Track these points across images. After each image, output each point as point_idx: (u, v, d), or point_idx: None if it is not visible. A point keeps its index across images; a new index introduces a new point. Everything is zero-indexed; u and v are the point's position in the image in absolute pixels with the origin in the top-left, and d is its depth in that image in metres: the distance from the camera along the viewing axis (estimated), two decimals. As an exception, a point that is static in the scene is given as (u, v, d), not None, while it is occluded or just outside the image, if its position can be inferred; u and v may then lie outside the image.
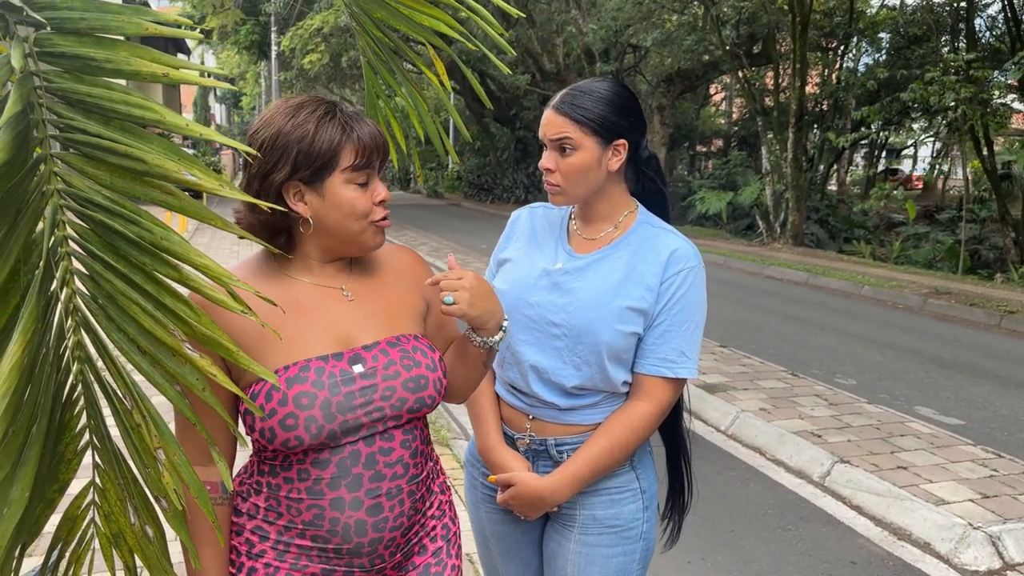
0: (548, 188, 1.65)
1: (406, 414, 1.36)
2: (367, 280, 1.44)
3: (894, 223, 19.64)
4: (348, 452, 1.31)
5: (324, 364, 1.31)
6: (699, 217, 20.14)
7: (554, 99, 1.65)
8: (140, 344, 1.10)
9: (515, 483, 1.67)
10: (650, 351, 1.63)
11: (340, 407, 1.29)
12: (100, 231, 1.10)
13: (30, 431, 1.03)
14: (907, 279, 11.73)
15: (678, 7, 17.84)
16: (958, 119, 13.01)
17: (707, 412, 5.34)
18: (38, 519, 1.21)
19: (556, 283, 1.67)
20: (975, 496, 3.95)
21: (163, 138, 1.11)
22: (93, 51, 1.07)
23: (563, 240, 1.74)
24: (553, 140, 1.62)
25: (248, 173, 1.35)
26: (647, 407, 1.63)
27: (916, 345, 7.71)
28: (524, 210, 1.85)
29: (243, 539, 1.38)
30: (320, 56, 18.71)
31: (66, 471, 1.25)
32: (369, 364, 1.34)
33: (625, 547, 1.69)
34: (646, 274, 1.63)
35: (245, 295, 1.19)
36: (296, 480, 1.32)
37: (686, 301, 1.63)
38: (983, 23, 16.10)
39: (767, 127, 17.22)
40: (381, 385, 1.33)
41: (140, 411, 1.12)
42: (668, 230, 1.70)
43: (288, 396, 1.27)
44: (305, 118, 1.30)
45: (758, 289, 11.11)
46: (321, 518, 1.32)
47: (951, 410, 5.57)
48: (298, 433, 1.26)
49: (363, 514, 1.33)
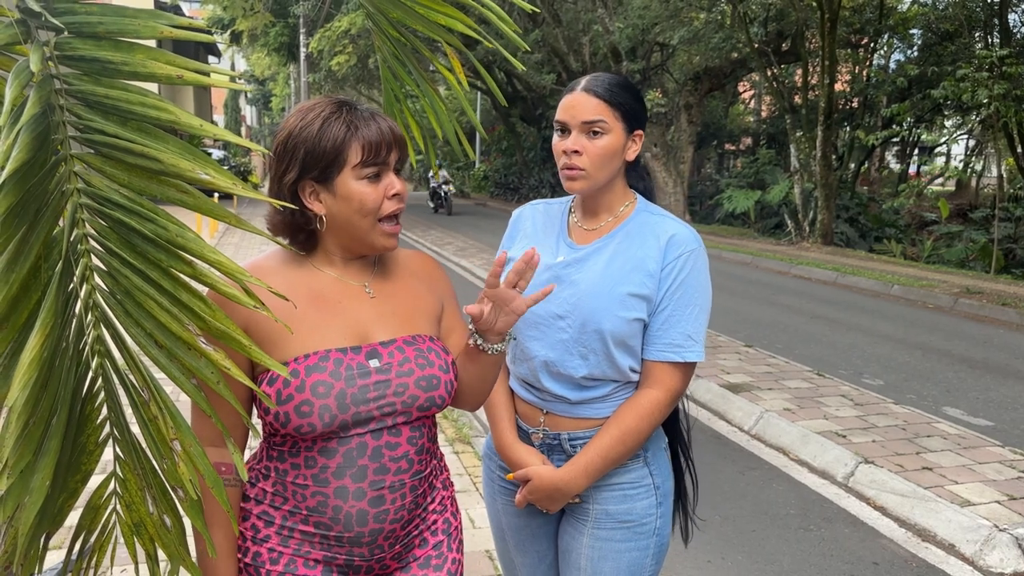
0: (569, 172, 1.63)
1: (416, 411, 1.39)
2: (389, 280, 1.49)
3: (926, 222, 19.34)
4: (355, 443, 1.35)
5: (343, 356, 1.35)
6: (727, 216, 20.00)
7: (580, 83, 1.66)
8: (157, 338, 1.14)
9: (531, 477, 1.70)
10: (656, 337, 1.64)
11: (354, 399, 1.33)
12: (118, 229, 1.13)
13: (50, 422, 1.06)
14: (938, 278, 11.56)
15: (705, 4, 17.74)
16: (991, 116, 12.80)
17: (731, 412, 5.31)
18: (61, 508, 1.25)
19: (558, 276, 1.68)
20: (1002, 498, 3.90)
21: (178, 139, 1.14)
22: (111, 54, 1.11)
23: (564, 233, 1.75)
24: (586, 122, 1.61)
25: (270, 175, 1.42)
26: (656, 394, 1.64)
27: (945, 345, 7.60)
28: (525, 208, 1.87)
29: (249, 524, 1.41)
30: (348, 58, 18.85)
31: (88, 461, 1.29)
32: (385, 360, 1.38)
33: (638, 542, 1.70)
34: (646, 260, 1.63)
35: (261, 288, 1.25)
36: (303, 467, 1.36)
37: (688, 285, 1.63)
38: (1017, 18, 15.83)
39: (796, 125, 17.06)
40: (395, 381, 1.37)
41: (157, 403, 1.15)
42: (666, 216, 1.70)
43: (306, 383, 1.30)
44: (312, 119, 1.35)
45: (786, 288, 11.02)
46: (324, 505, 1.36)
47: (979, 411, 5.49)
48: (311, 420, 1.30)
49: (365, 504, 1.36)
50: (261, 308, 1.12)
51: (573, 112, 1.62)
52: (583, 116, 1.60)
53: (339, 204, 1.36)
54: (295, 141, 1.35)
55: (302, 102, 1.44)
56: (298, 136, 1.35)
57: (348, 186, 1.35)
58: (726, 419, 5.26)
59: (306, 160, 1.34)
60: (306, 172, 1.35)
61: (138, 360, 1.16)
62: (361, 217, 1.37)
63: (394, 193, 1.38)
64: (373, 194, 1.36)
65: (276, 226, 1.42)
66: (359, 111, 1.38)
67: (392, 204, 1.39)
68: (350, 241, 1.41)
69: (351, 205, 1.36)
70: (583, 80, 1.67)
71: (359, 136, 1.34)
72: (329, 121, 1.34)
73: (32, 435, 1.02)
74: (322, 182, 1.36)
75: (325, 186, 1.36)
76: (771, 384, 5.84)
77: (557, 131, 1.67)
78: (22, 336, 1.04)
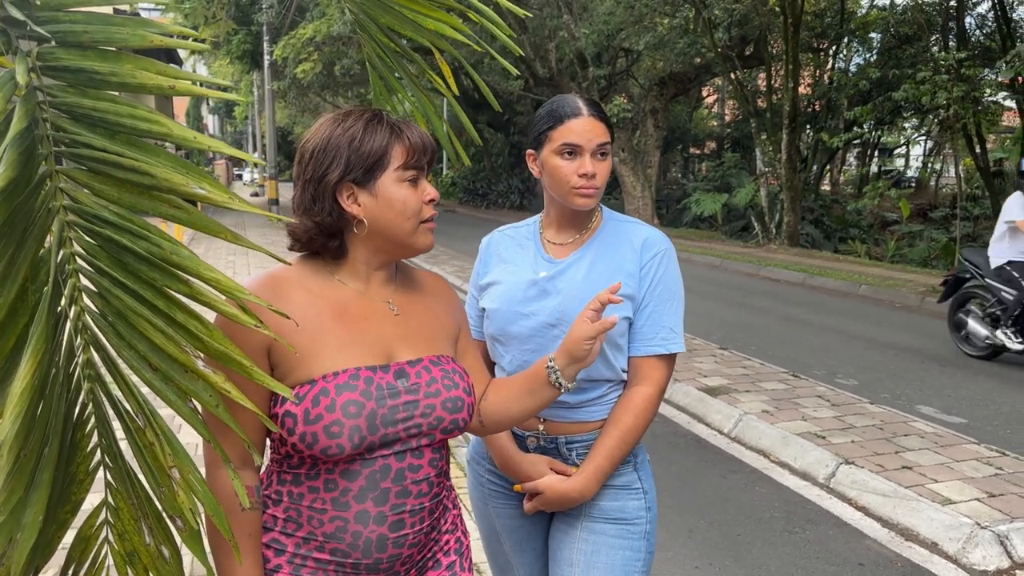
0: (588, 192, 1.69)
1: (439, 433, 1.37)
2: (410, 297, 1.46)
3: (888, 222, 19.69)
4: (379, 466, 1.31)
5: (372, 375, 1.31)
6: (695, 219, 20.17)
7: (581, 107, 1.69)
8: (151, 361, 1.09)
9: (542, 490, 1.72)
10: (643, 332, 1.72)
11: (384, 420, 1.29)
12: (108, 247, 1.08)
13: (42, 453, 1.01)
14: (904, 278, 11.74)
15: (669, 10, 17.88)
16: (950, 117, 13.05)
17: (710, 415, 5.32)
18: (51, 540, 1.19)
19: (544, 289, 1.74)
20: (981, 495, 3.93)
21: (170, 152, 1.09)
22: (97, 64, 1.06)
23: (540, 251, 1.81)
24: (600, 144, 1.69)
25: (302, 180, 1.37)
26: (647, 390, 1.70)
27: (916, 344, 7.71)
28: (494, 235, 1.93)
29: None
30: (313, 65, 18.67)
31: (78, 491, 1.23)
32: (412, 380, 1.34)
33: (632, 542, 1.73)
34: (625, 262, 1.72)
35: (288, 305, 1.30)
36: (322, 490, 1.31)
37: (666, 281, 1.73)
38: (973, 21, 16.16)
39: (760, 128, 17.26)
40: (423, 402, 1.34)
41: (153, 429, 1.10)
42: (634, 222, 1.82)
43: (336, 403, 1.26)
44: (353, 122, 1.35)
45: (756, 290, 11.11)
46: (344, 531, 1.30)
47: (953, 408, 5.57)
48: (340, 441, 1.25)
49: (385, 529, 1.32)
50: (262, 327, 1.07)
51: (590, 136, 1.68)
52: (599, 139, 1.68)
53: (380, 206, 1.34)
54: (337, 142, 1.33)
55: (329, 114, 1.43)
56: (340, 137, 1.33)
57: (389, 189, 1.34)
58: (705, 422, 5.27)
59: (350, 159, 1.32)
60: (348, 172, 1.32)
61: (132, 384, 1.11)
62: (404, 219, 1.35)
63: (430, 199, 1.38)
64: (414, 197, 1.35)
65: (308, 231, 1.36)
66: (395, 118, 1.39)
67: (429, 209, 1.38)
68: (389, 244, 1.37)
69: (393, 207, 1.34)
70: (582, 104, 1.71)
71: (403, 139, 1.35)
72: (372, 124, 1.34)
73: (24, 468, 0.96)
74: (363, 184, 1.33)
75: (366, 188, 1.33)
76: (748, 386, 5.87)
77: (564, 153, 1.69)
78: (10, 363, 0.99)
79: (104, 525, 1.26)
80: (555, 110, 1.70)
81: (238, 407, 1.06)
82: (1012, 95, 13.83)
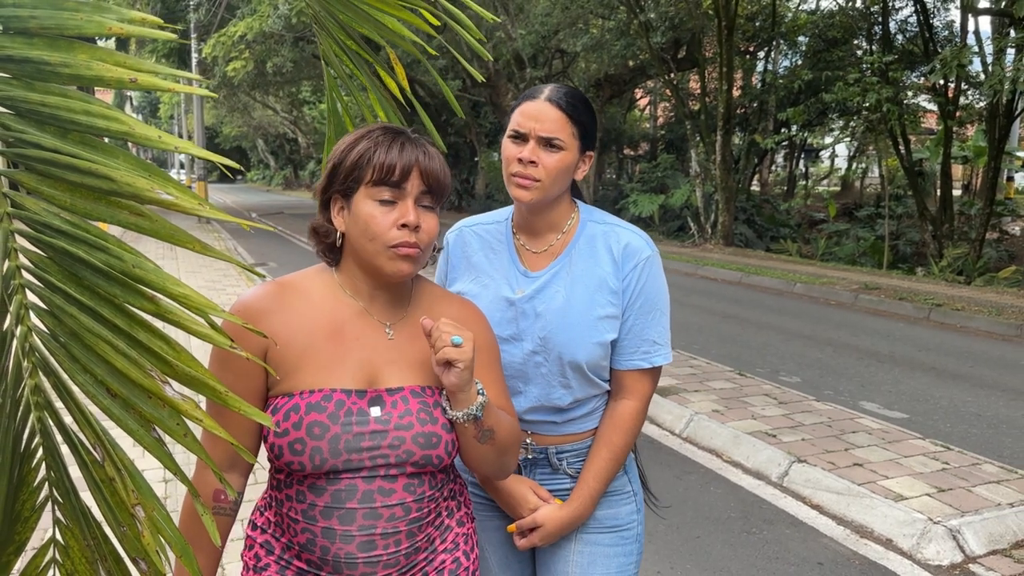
0: (522, 182, 1.55)
1: (410, 467, 1.31)
2: (414, 323, 1.39)
3: (815, 221, 20.20)
4: (344, 485, 1.28)
5: (345, 398, 1.29)
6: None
7: (542, 91, 1.58)
8: (110, 387, 0.97)
9: (540, 524, 1.63)
10: (624, 347, 1.64)
11: (347, 446, 1.27)
12: (60, 259, 0.97)
13: (-12, 495, 0.89)
14: (836, 275, 12.03)
15: (605, 12, 18.00)
16: (878, 118, 13.45)
17: (661, 416, 5.32)
18: (-9, 588, 1.06)
19: (523, 312, 1.62)
20: (931, 490, 4.01)
21: (131, 153, 0.98)
22: (46, 54, 0.94)
23: (515, 260, 1.67)
24: (548, 135, 1.54)
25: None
26: (632, 404, 1.65)
27: (852, 340, 7.88)
28: (462, 232, 1.75)
29: (252, 553, 1.38)
30: (244, 63, 18.24)
31: (23, 531, 1.11)
32: (387, 409, 1.30)
33: (625, 547, 1.70)
34: (606, 278, 1.61)
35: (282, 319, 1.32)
36: (295, 500, 1.31)
37: (648, 292, 1.63)
38: (895, 26, 16.66)
39: (695, 130, 17.51)
40: (392, 433, 1.30)
41: (113, 463, 0.98)
42: (614, 224, 1.67)
43: (303, 421, 1.26)
44: (358, 136, 1.34)
45: (695, 289, 11.24)
46: (313, 544, 1.30)
47: (894, 404, 5.69)
48: (302, 460, 1.26)
49: (353, 548, 1.29)
50: (236, 348, 0.97)
51: (533, 122, 1.55)
52: (544, 131, 1.54)
53: (350, 222, 1.33)
54: (332, 156, 1.35)
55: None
56: (335, 151, 1.35)
57: (358, 205, 1.31)
58: (657, 423, 5.26)
59: (334, 173, 1.33)
60: (332, 185, 1.34)
61: (88, 413, 0.99)
62: (367, 240, 1.30)
63: (403, 224, 1.28)
64: (380, 218, 1.29)
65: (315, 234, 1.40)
66: (405, 137, 1.32)
67: (401, 234, 1.28)
68: (362, 263, 1.34)
69: (358, 225, 1.31)
70: (546, 89, 1.59)
71: (377, 154, 1.29)
72: (363, 139, 1.32)
73: (-33, 514, 0.84)
74: (347, 197, 1.33)
75: (348, 202, 1.33)
76: (697, 386, 5.89)
77: (511, 136, 1.58)
78: (-50, 394, 0.86)
79: (51, 564, 1.14)
80: (523, 93, 1.62)
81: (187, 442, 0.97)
82: (934, 98, 14.30)
